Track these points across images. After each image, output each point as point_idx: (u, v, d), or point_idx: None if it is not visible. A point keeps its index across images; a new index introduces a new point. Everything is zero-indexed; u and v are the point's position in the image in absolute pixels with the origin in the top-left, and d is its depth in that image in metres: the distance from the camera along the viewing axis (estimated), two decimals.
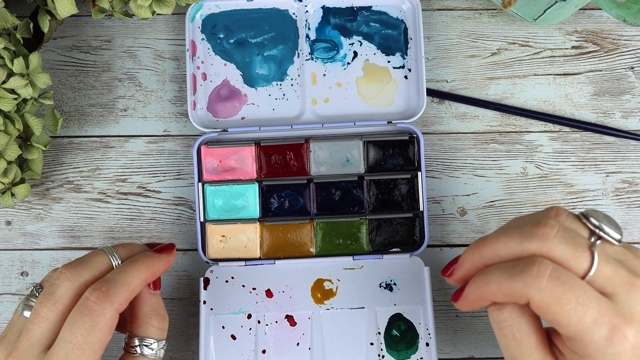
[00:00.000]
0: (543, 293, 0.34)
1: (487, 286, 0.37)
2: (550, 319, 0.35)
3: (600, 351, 0.34)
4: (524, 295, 0.35)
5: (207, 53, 0.51)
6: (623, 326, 0.34)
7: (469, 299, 0.38)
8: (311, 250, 0.49)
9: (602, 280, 0.35)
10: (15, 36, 0.45)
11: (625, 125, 0.52)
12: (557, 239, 0.36)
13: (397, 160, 0.50)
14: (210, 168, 0.50)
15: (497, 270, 0.37)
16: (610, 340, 0.34)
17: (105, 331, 0.39)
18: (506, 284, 0.36)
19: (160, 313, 0.43)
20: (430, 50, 0.52)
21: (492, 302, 0.37)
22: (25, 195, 0.47)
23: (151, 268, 0.42)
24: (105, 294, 0.39)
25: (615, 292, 0.35)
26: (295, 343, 0.48)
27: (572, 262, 0.35)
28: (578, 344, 0.35)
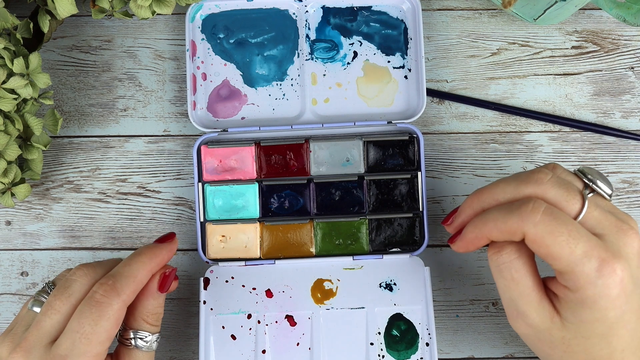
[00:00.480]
0: (537, 227, 0.37)
1: (485, 224, 0.39)
2: (544, 252, 0.37)
3: (591, 282, 0.37)
4: (519, 230, 0.37)
5: (207, 53, 0.51)
6: (612, 260, 0.37)
7: (467, 237, 0.41)
8: (311, 250, 0.49)
9: (592, 222, 0.38)
10: (15, 36, 0.45)
11: (625, 125, 0.52)
12: (551, 183, 0.39)
13: (397, 160, 0.50)
14: (210, 168, 0.50)
15: (495, 209, 0.39)
16: (599, 272, 0.36)
17: (112, 322, 0.40)
18: (503, 220, 0.38)
19: (157, 312, 0.43)
20: (430, 50, 0.52)
21: (488, 241, 0.40)
22: (25, 195, 0.47)
23: (155, 258, 0.43)
24: (112, 287, 0.40)
25: (604, 232, 0.38)
26: (295, 343, 0.48)
27: (565, 204, 0.38)
28: (570, 277, 0.37)
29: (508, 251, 0.39)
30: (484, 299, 0.51)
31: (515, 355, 0.50)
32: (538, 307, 0.39)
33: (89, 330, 0.39)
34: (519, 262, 0.39)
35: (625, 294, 0.37)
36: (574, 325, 0.38)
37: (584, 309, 0.37)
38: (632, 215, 0.51)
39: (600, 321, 0.37)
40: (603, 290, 0.37)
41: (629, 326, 0.38)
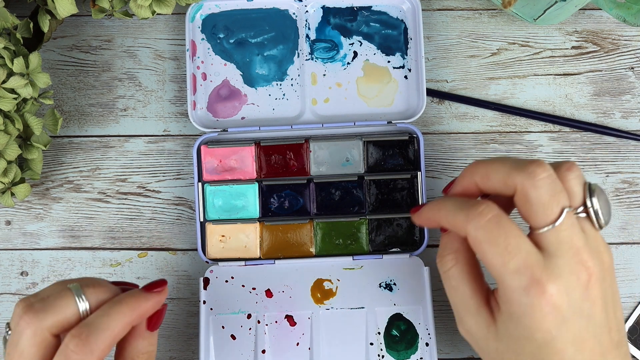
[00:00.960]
0: (478, 231, 0.37)
1: (438, 210, 0.40)
2: (480, 257, 0.38)
3: (516, 299, 0.36)
4: (463, 228, 0.38)
5: (207, 53, 0.51)
6: (546, 282, 0.36)
7: (422, 216, 0.42)
8: (311, 250, 0.49)
9: (553, 240, 0.37)
10: (15, 36, 0.45)
11: (625, 125, 0.52)
12: (542, 182, 0.37)
13: (397, 160, 0.50)
14: (210, 168, 0.50)
15: (452, 200, 0.40)
16: (527, 291, 0.36)
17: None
18: (453, 214, 0.39)
19: (148, 351, 0.40)
20: (430, 50, 0.52)
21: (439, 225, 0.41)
22: (25, 195, 0.47)
23: (137, 310, 0.38)
24: (85, 341, 0.36)
25: (557, 255, 0.36)
26: (295, 343, 0.48)
27: (540, 209, 0.37)
28: (500, 288, 0.37)
29: (448, 259, 0.40)
30: None
31: None
32: (475, 314, 0.39)
33: None
34: (456, 270, 0.40)
35: (556, 320, 0.36)
36: (506, 338, 0.38)
37: (511, 323, 0.37)
38: (632, 215, 0.51)
39: (527, 340, 0.37)
40: (527, 309, 0.36)
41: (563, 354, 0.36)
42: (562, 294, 0.36)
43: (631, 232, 0.51)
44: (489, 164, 0.39)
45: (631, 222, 0.51)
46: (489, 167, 0.39)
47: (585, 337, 0.37)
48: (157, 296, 0.39)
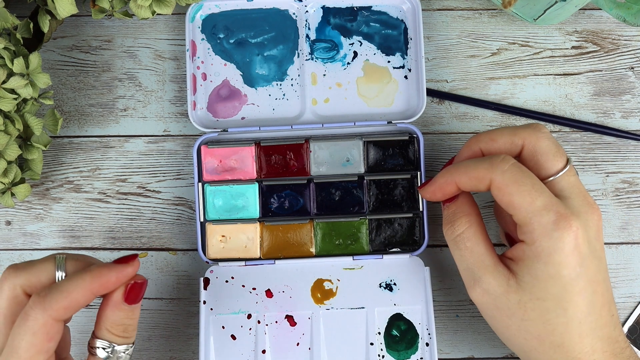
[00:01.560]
0: (504, 174, 0.39)
1: (456, 170, 0.41)
2: (506, 201, 0.39)
3: (547, 234, 0.38)
4: (487, 177, 0.40)
5: (207, 53, 0.51)
6: (570, 216, 0.38)
7: (437, 182, 0.43)
8: (311, 250, 0.49)
9: (565, 184, 0.40)
10: (15, 36, 0.45)
11: (625, 125, 0.52)
12: (546, 135, 0.41)
13: (397, 160, 0.50)
14: (210, 168, 0.50)
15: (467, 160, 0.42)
16: (556, 225, 0.38)
17: (39, 337, 0.38)
18: (474, 167, 0.40)
19: (124, 324, 0.40)
20: (430, 50, 0.52)
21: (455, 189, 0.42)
22: (25, 195, 0.47)
23: (99, 279, 0.39)
24: (42, 299, 0.38)
25: (572, 196, 0.40)
26: (295, 343, 0.48)
27: (551, 157, 0.41)
28: (527, 229, 0.39)
29: (460, 223, 0.42)
30: None
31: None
32: (494, 271, 0.40)
33: (17, 344, 0.37)
34: (471, 231, 0.42)
35: (580, 255, 0.38)
36: (529, 284, 0.39)
37: (538, 263, 0.39)
38: (632, 215, 0.51)
39: (554, 279, 0.38)
40: (557, 243, 0.38)
41: (584, 295, 0.39)
42: (583, 231, 0.38)
43: (631, 232, 0.51)
44: (491, 131, 0.42)
45: (631, 222, 0.51)
46: (492, 133, 0.42)
47: (599, 280, 0.39)
48: (122, 267, 0.40)
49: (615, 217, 0.51)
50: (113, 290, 0.40)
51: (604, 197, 0.51)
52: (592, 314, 0.39)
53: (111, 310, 0.40)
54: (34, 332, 0.37)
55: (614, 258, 0.51)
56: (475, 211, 0.43)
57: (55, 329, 0.38)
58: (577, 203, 0.39)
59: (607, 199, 0.51)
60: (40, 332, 0.38)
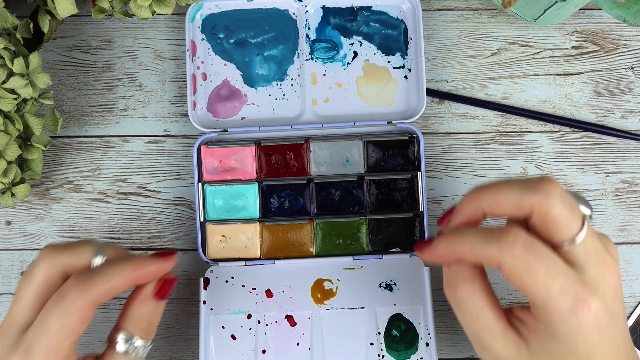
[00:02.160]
0: (515, 260, 0.36)
1: (460, 244, 0.38)
2: (519, 286, 0.36)
3: (564, 321, 0.36)
4: (495, 260, 0.36)
5: (207, 53, 0.51)
6: (588, 297, 0.35)
7: (437, 252, 0.39)
8: (311, 250, 0.49)
9: (581, 251, 0.36)
10: (15, 36, 0.45)
11: (625, 125, 0.52)
12: (559, 198, 0.36)
13: (397, 160, 0.50)
14: (210, 168, 0.50)
15: (473, 232, 0.38)
16: (574, 311, 0.35)
17: (74, 318, 0.38)
18: (480, 246, 0.37)
19: (149, 319, 0.41)
20: (430, 50, 0.52)
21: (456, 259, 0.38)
22: (25, 195, 0.47)
23: (139, 269, 0.40)
24: (82, 282, 0.39)
25: (588, 264, 0.36)
26: (295, 343, 0.48)
27: (565, 225, 0.36)
28: (543, 313, 0.36)
29: (462, 288, 0.38)
30: None
31: None
32: (502, 338, 0.38)
33: (50, 323, 0.38)
34: (476, 297, 0.38)
35: (599, 330, 0.36)
36: (542, 356, 0.37)
37: (553, 342, 0.36)
38: (632, 215, 0.51)
39: (569, 354, 0.36)
40: (575, 327, 0.36)
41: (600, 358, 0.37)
42: (602, 304, 0.36)
43: (631, 232, 0.51)
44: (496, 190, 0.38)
45: (631, 222, 0.51)
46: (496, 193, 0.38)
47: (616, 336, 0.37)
48: (161, 261, 0.41)
49: (615, 217, 0.51)
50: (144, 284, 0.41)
51: (604, 197, 0.51)
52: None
53: (139, 304, 0.41)
54: (69, 313, 0.38)
55: None
56: (479, 273, 0.39)
57: (89, 314, 0.39)
58: (595, 271, 0.36)
59: (607, 199, 0.51)
60: (76, 314, 0.38)
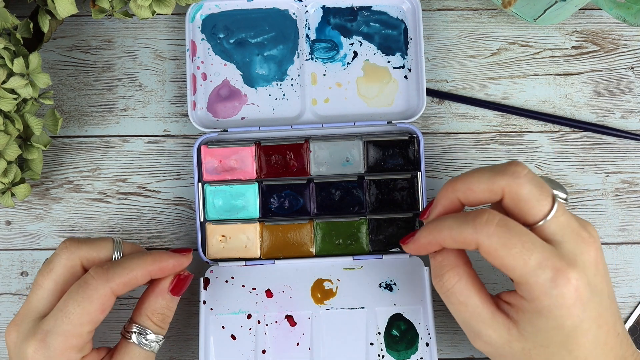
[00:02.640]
0: (491, 238, 0.37)
1: (439, 232, 0.39)
2: (498, 264, 0.37)
3: (546, 293, 0.37)
4: (473, 241, 0.38)
5: (207, 53, 0.51)
6: (566, 269, 0.37)
7: (420, 242, 0.41)
8: (311, 250, 0.49)
9: (555, 227, 0.38)
10: (15, 36, 0.45)
11: (625, 125, 0.52)
12: (527, 179, 0.38)
13: (397, 160, 0.50)
14: (210, 168, 0.50)
15: (450, 218, 0.39)
16: (554, 282, 0.36)
17: (95, 306, 0.40)
18: (458, 230, 0.38)
19: (163, 313, 0.43)
20: (430, 50, 0.52)
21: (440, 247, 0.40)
22: (25, 195, 0.47)
23: (158, 263, 0.42)
24: (105, 271, 0.41)
25: (564, 240, 0.38)
26: (295, 343, 0.48)
27: (536, 203, 0.38)
28: (525, 288, 0.37)
29: (448, 276, 0.40)
30: None
31: None
32: (492, 322, 0.39)
33: (71, 310, 0.40)
34: (462, 285, 0.39)
35: (582, 303, 0.37)
36: (532, 334, 0.38)
37: (540, 318, 0.37)
38: (632, 215, 0.51)
39: (557, 329, 0.37)
40: (558, 300, 0.36)
41: (589, 334, 0.38)
42: (581, 276, 0.37)
43: (631, 232, 0.51)
44: (467, 178, 0.39)
45: (631, 222, 0.51)
46: (468, 181, 0.39)
47: (602, 312, 0.38)
48: (179, 257, 0.43)
49: (615, 217, 0.51)
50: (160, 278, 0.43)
51: (604, 197, 0.51)
52: (598, 346, 0.38)
53: (155, 298, 0.43)
54: (91, 300, 0.40)
55: (614, 258, 0.51)
56: (463, 260, 0.41)
57: (109, 302, 0.41)
58: (571, 246, 0.38)
59: (607, 199, 0.51)
60: (97, 301, 0.40)
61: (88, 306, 0.40)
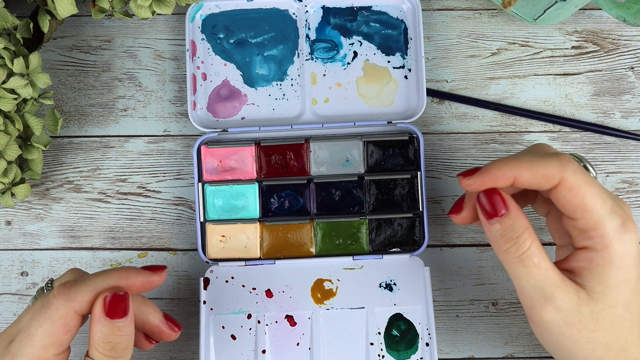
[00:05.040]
0: (576, 174, 0.37)
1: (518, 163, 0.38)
2: (577, 202, 0.37)
3: (618, 237, 0.37)
4: (557, 175, 0.37)
5: (207, 53, 0.51)
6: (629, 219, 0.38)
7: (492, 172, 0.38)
8: (311, 250, 0.49)
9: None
10: (15, 36, 0.45)
11: (625, 125, 0.52)
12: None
13: (397, 160, 0.50)
14: (210, 168, 0.50)
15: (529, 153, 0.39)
16: (624, 227, 0.37)
17: (57, 327, 0.37)
18: (542, 163, 0.37)
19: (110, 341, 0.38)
20: (430, 50, 0.52)
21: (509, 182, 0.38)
22: (25, 195, 0.47)
23: (125, 280, 0.39)
24: (67, 290, 0.38)
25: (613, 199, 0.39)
26: (295, 343, 0.48)
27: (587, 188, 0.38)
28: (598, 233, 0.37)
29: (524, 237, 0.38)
30: (484, 299, 0.51)
31: (515, 355, 0.50)
32: (562, 285, 0.38)
33: (33, 331, 0.37)
34: (537, 245, 0.38)
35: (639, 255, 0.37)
36: (601, 294, 0.37)
37: (611, 269, 0.37)
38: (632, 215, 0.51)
39: (626, 283, 0.37)
40: (628, 246, 0.37)
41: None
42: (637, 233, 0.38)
43: None
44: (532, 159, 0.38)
45: None
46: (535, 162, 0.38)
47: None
48: (148, 274, 0.40)
49: None
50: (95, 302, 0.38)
51: None
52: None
53: (94, 326, 0.38)
54: (53, 321, 0.37)
55: None
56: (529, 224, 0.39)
57: (74, 322, 0.38)
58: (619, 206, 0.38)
59: None
60: (59, 322, 0.37)
61: (49, 328, 0.37)
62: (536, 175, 0.38)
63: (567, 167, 0.37)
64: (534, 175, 0.38)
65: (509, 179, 0.38)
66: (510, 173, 0.38)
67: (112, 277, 0.39)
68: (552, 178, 0.37)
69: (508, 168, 0.38)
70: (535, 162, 0.37)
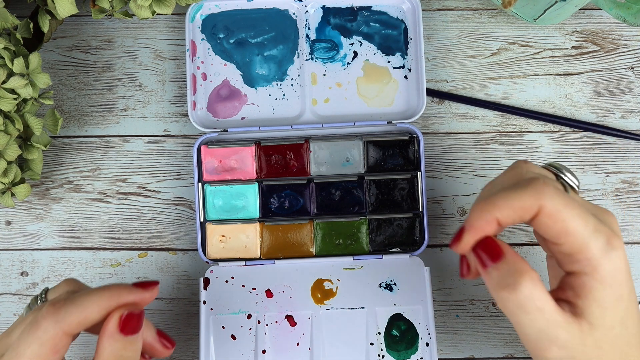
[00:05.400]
0: (554, 199, 0.35)
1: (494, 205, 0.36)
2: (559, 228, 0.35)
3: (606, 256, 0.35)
4: (535, 205, 0.35)
5: (207, 53, 0.51)
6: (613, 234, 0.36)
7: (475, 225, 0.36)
8: (311, 250, 0.49)
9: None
10: (15, 36, 0.45)
11: (625, 125, 0.52)
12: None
13: (397, 160, 0.50)
14: (210, 168, 0.50)
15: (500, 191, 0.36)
16: (610, 245, 0.35)
17: (45, 348, 0.36)
18: (516, 197, 0.35)
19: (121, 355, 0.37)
20: (430, 50, 0.52)
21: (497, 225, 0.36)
22: (25, 195, 0.47)
23: (116, 299, 0.37)
24: (57, 310, 0.37)
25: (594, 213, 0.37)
26: (295, 343, 0.48)
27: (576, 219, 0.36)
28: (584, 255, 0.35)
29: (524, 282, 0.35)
30: (484, 299, 0.51)
31: (515, 355, 0.50)
32: (565, 324, 0.36)
33: (22, 352, 0.36)
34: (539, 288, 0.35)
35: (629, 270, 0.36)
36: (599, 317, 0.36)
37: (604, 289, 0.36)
38: (632, 215, 0.51)
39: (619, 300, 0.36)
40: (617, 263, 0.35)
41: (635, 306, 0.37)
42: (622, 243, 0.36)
43: (631, 232, 0.51)
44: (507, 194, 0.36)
45: (631, 222, 0.51)
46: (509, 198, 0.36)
47: None
48: (140, 292, 0.38)
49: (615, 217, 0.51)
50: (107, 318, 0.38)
51: (604, 197, 0.51)
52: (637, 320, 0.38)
53: (107, 341, 0.37)
54: (42, 342, 0.36)
55: None
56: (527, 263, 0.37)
57: (63, 343, 0.37)
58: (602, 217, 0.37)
59: (607, 199, 0.51)
60: (48, 343, 0.36)
61: (38, 349, 0.36)
62: (515, 210, 0.36)
63: (543, 194, 0.35)
64: (513, 211, 0.36)
65: (492, 223, 0.36)
66: (490, 217, 0.36)
67: (103, 297, 0.37)
68: (530, 209, 0.35)
69: (487, 213, 0.36)
70: (510, 197, 0.36)
